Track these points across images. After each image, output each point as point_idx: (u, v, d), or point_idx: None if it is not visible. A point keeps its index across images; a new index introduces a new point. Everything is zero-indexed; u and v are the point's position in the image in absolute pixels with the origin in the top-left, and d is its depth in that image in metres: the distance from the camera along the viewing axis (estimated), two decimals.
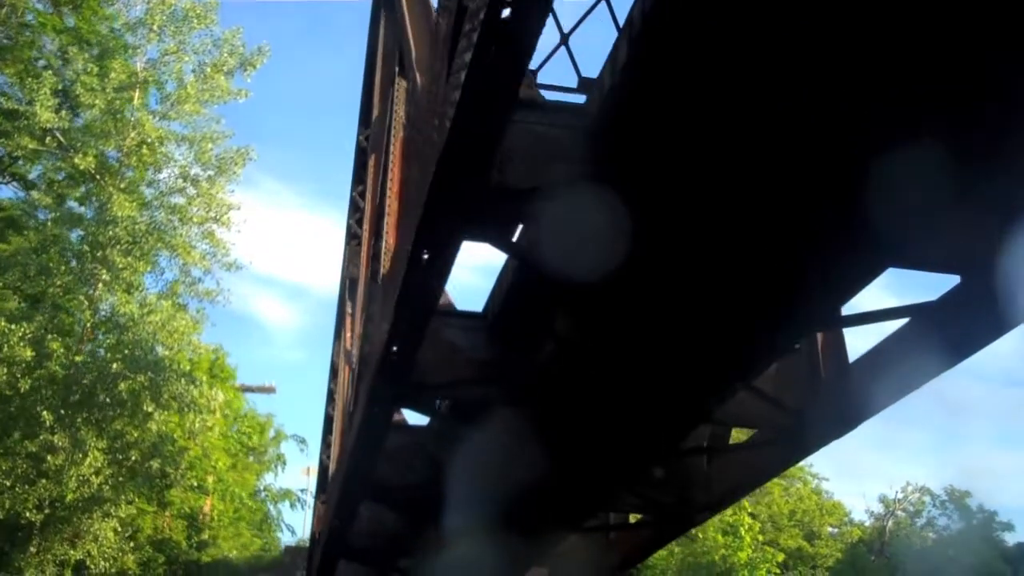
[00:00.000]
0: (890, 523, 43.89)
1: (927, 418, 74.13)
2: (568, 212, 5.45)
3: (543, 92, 5.62)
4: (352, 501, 11.21)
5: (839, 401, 7.84)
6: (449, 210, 5.01)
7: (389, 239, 8.22)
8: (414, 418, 11.63)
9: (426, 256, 5.53)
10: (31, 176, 22.09)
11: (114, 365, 16.46)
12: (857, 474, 74.94)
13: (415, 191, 5.70)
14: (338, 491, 11.52)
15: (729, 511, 26.11)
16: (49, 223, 18.35)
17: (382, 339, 7.21)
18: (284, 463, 39.09)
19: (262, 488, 40.29)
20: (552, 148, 5.27)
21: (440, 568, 15.46)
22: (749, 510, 26.92)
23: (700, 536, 22.85)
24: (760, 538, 22.27)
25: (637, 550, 13.22)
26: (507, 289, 7.55)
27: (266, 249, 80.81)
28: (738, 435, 10.23)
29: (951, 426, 70.45)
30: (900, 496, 44.42)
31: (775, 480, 42.29)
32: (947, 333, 6.33)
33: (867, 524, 44.42)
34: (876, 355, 7.27)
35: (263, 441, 38.97)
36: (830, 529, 42.46)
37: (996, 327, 6.11)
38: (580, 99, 5.75)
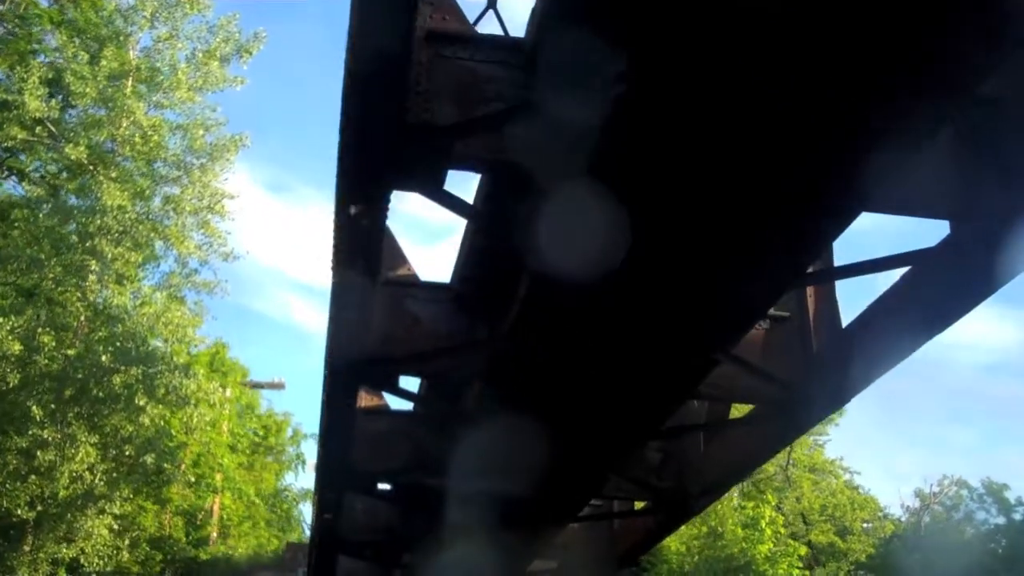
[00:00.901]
0: (926, 517, 42.96)
1: (972, 418, 72.88)
2: (513, 154, 5.06)
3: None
4: (333, 491, 10.88)
5: (834, 370, 7.39)
6: (366, 155, 4.62)
7: None
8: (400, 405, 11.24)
9: (353, 210, 5.15)
10: (30, 170, 22.02)
11: (103, 358, 16.26)
12: (898, 475, 73.58)
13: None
14: (318, 482, 11.19)
15: (751, 504, 25.54)
16: (41, 216, 18.19)
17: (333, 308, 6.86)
18: (303, 462, 38.96)
19: (283, 488, 40.23)
20: (486, 84, 4.87)
21: (441, 564, 15.23)
22: (773, 502, 26.29)
23: (720, 529, 22.32)
24: (783, 531, 21.66)
25: (641, 540, 12.81)
26: (467, 254, 7.18)
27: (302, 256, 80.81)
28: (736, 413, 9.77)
29: (1000, 427, 69.06)
30: (936, 490, 43.45)
31: (804, 474, 41.58)
32: (948, 282, 5.83)
33: (903, 519, 43.52)
34: (872, 316, 6.80)
35: (280, 440, 38.84)
36: (863, 524, 41.62)
37: (993, 277, 5.64)
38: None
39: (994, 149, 5.28)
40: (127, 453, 17.37)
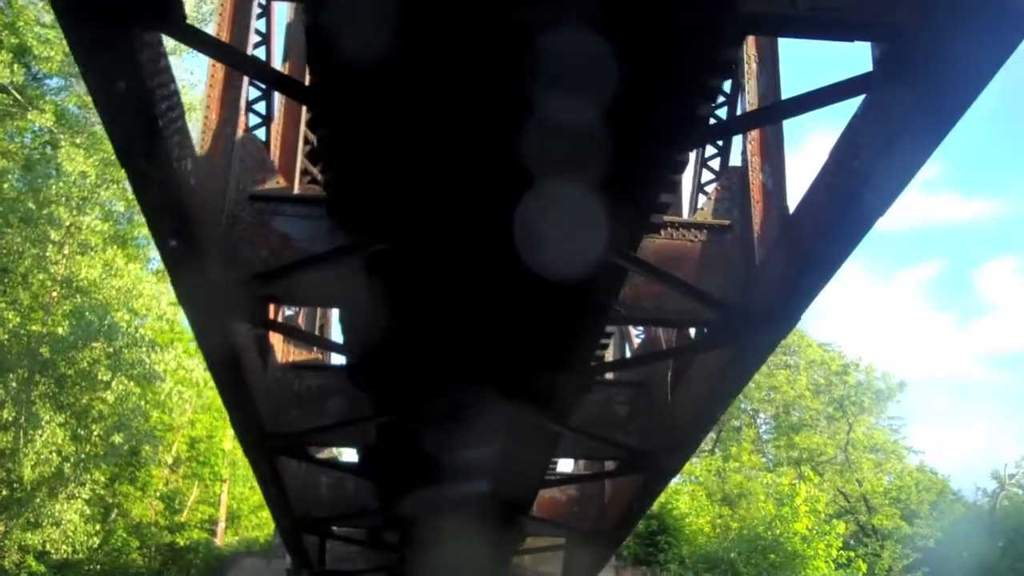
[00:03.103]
0: (1004, 500, 41.01)
1: None
2: None
3: None
4: (258, 455, 10.14)
5: (783, 272, 6.40)
6: None
7: None
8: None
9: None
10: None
11: (59, 329, 15.83)
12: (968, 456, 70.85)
13: None
14: (243, 447, 10.49)
15: (786, 480, 24.37)
16: (5, 186, 17.84)
17: None
18: None
19: None
20: None
21: (434, 546, 14.55)
22: (814, 480, 25.05)
23: (747, 505, 21.30)
24: (821, 509, 20.44)
25: (627, 507, 11.95)
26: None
27: None
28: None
29: None
30: (1015, 471, 41.44)
31: (865, 455, 40.01)
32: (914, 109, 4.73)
33: (978, 502, 41.65)
34: (828, 185, 5.67)
35: None
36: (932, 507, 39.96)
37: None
38: None
39: None
40: (95, 433, 16.95)
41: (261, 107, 8.77)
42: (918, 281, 77.83)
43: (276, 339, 9.82)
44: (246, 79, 7.38)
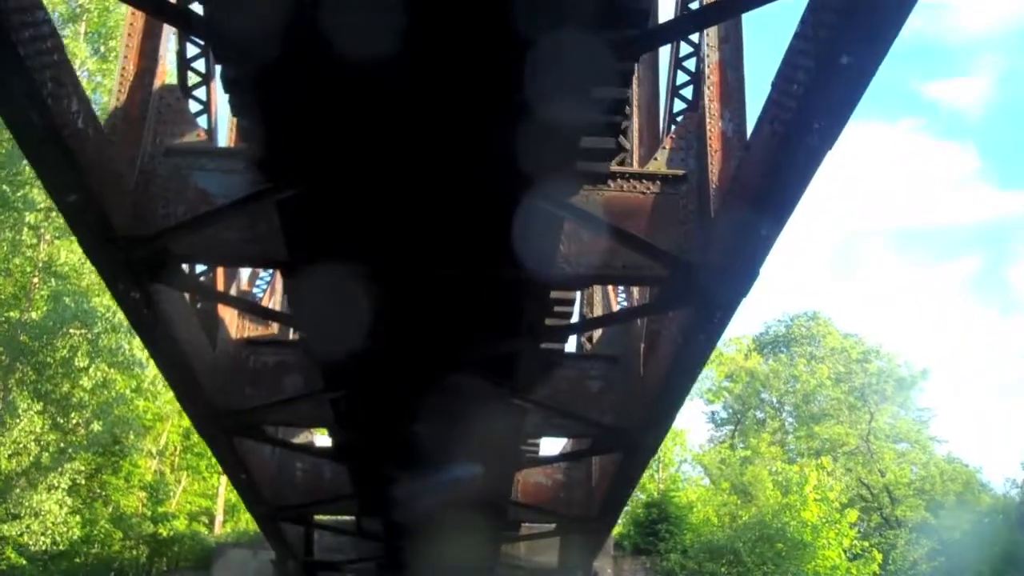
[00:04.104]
0: None
1: None
2: None
3: None
4: (213, 435, 9.78)
5: (736, 220, 5.95)
6: None
7: None
8: None
9: None
10: None
11: (33, 314, 15.56)
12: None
13: None
14: (194, 426, 10.14)
15: (795, 468, 23.78)
16: None
17: None
18: None
19: None
20: None
21: (416, 536, 14.20)
22: (827, 467, 24.47)
23: (753, 493, 20.77)
24: (831, 497, 19.85)
25: (610, 487, 11.52)
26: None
27: None
28: None
29: None
30: None
31: (887, 444, 39.26)
32: None
33: (1007, 493, 40.79)
34: (772, 117, 5.16)
35: None
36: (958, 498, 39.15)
37: None
38: None
39: None
40: (74, 421, 16.69)
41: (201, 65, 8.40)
42: (956, 277, 76.52)
43: (229, 313, 9.47)
44: (167, 28, 7.03)
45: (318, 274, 6.56)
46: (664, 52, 8.69)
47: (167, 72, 7.04)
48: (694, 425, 62.75)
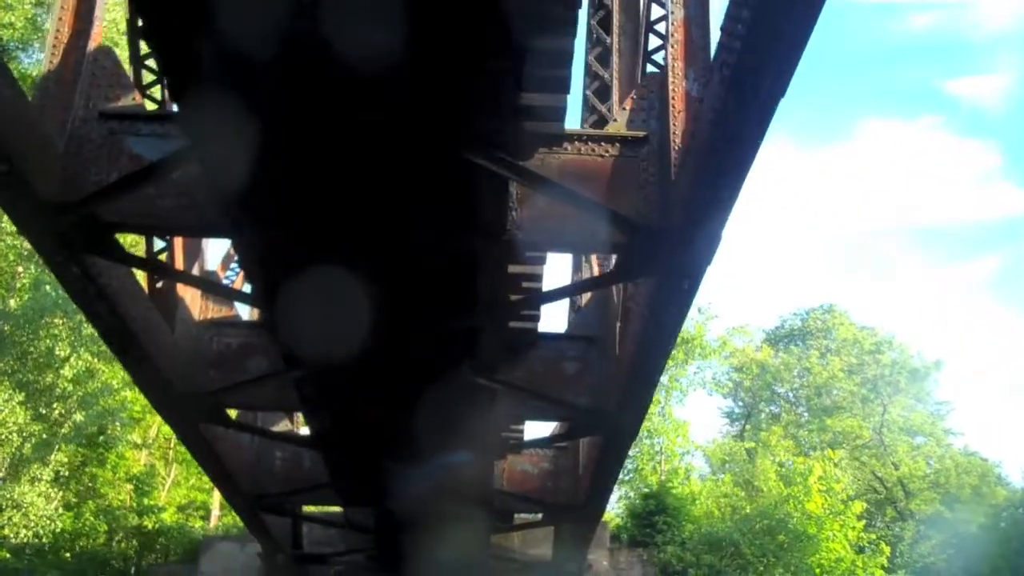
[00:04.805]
0: None
1: None
2: None
3: None
4: (177, 420, 9.54)
5: (694, 181, 5.66)
6: None
7: None
8: None
9: None
10: None
11: (12, 302, 15.37)
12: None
13: None
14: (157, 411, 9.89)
15: (800, 459, 23.39)
16: None
17: None
18: None
19: None
20: None
21: (405, 528, 13.96)
22: (834, 458, 24.06)
23: (755, 484, 20.40)
24: (836, 487, 19.45)
25: (592, 474, 11.28)
26: None
27: None
28: None
29: None
30: None
31: (899, 437, 38.72)
32: None
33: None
34: (722, 62, 4.87)
35: None
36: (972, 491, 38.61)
37: None
38: None
39: None
40: (56, 412, 16.50)
41: None
42: (977, 274, 75.51)
43: (190, 293, 9.23)
44: None
45: (265, 241, 6.32)
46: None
47: (102, 35, 6.76)
48: (704, 419, 62.32)
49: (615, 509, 25.54)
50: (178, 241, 8.68)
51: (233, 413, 13.38)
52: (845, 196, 74.05)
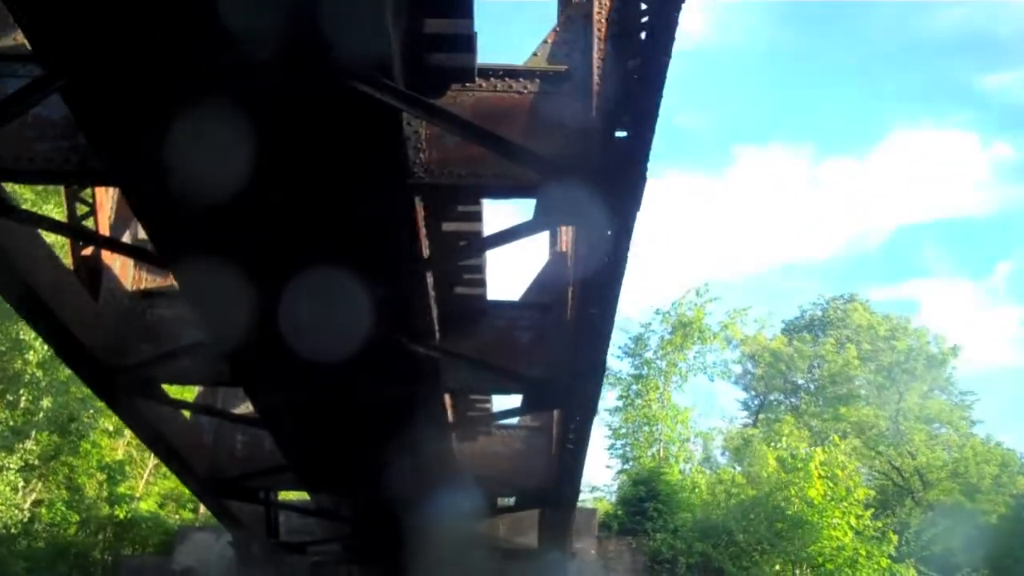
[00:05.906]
0: None
1: None
2: None
3: None
4: (108, 395, 9.13)
5: (611, 107, 5.20)
6: None
7: None
8: None
9: None
10: None
11: None
12: None
13: None
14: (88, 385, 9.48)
15: (803, 444, 22.81)
16: None
17: None
18: None
19: None
20: None
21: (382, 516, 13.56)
22: (841, 445, 23.48)
23: (753, 470, 19.82)
24: (841, 474, 18.83)
25: (561, 451, 10.83)
26: None
27: None
28: None
29: None
30: None
31: (915, 425, 37.99)
32: None
33: None
34: None
35: None
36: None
37: None
38: None
39: None
40: (23, 399, 16.18)
41: None
42: (1007, 272, 74.21)
43: (120, 261, 8.81)
44: None
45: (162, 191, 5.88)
46: None
47: None
48: (707, 407, 61.53)
49: (610, 497, 25.05)
50: (103, 205, 8.25)
51: (190, 394, 13.06)
52: (877, 191, 72.95)
